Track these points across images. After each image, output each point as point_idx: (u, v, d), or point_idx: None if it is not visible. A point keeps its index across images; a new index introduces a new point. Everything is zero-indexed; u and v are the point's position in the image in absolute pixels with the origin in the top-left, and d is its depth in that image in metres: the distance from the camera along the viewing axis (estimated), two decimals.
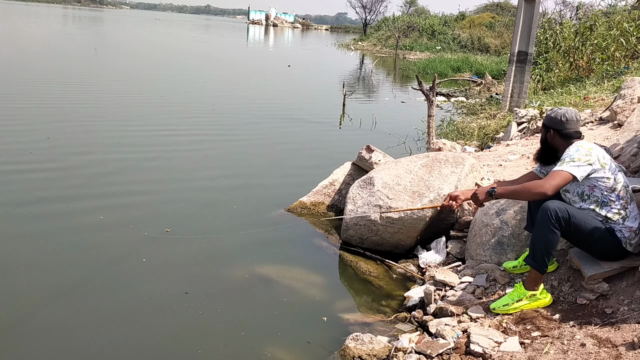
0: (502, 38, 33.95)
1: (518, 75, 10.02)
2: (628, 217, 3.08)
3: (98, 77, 14.19)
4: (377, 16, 57.67)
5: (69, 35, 30.34)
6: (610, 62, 11.40)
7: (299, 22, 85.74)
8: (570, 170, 2.97)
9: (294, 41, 48.49)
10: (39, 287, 3.70)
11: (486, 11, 43.70)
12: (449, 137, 8.86)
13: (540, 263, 3.08)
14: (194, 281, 3.96)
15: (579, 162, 2.99)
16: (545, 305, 3.18)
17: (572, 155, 3.03)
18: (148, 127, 8.79)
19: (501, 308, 3.19)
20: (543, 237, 3.04)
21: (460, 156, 4.91)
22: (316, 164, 7.29)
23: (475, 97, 14.83)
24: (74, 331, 3.27)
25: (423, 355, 2.91)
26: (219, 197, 5.83)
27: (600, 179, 3.04)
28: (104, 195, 5.54)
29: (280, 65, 22.09)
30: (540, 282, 3.17)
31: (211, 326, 3.42)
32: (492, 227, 3.93)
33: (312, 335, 3.41)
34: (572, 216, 3.00)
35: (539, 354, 2.64)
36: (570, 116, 3.16)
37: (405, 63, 28.05)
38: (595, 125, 6.53)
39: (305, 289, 3.96)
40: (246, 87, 15.01)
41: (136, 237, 4.64)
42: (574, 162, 2.99)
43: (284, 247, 4.67)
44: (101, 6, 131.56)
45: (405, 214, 4.38)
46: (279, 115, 10.82)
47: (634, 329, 2.65)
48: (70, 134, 7.90)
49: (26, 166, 6.23)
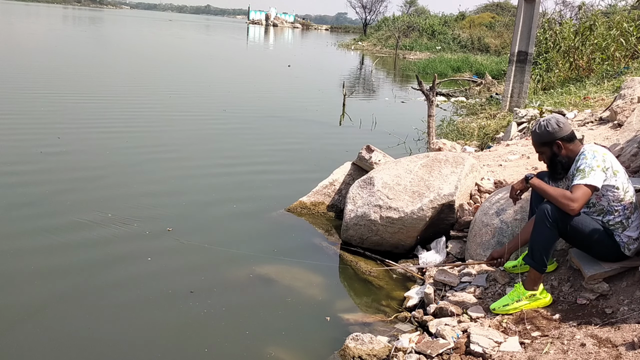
0: (502, 38, 33.97)
1: (518, 75, 10.02)
2: (629, 227, 3.07)
3: (119, 78, 14.21)
4: (377, 16, 57.78)
5: (91, 39, 30.33)
6: (610, 62, 11.39)
7: (299, 22, 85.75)
8: (592, 182, 2.91)
9: (294, 41, 48.50)
10: (42, 286, 3.70)
11: (486, 11, 43.70)
12: (449, 137, 8.86)
13: (539, 262, 3.08)
14: (198, 280, 3.98)
15: (598, 170, 2.94)
16: (545, 305, 3.17)
17: (590, 164, 2.95)
18: (148, 128, 8.80)
19: (501, 308, 3.19)
20: (541, 236, 3.04)
21: (460, 156, 4.91)
22: (316, 164, 7.30)
23: (475, 97, 14.84)
24: (79, 329, 3.28)
25: (423, 355, 2.91)
26: (220, 196, 5.83)
27: (610, 188, 3.00)
28: (105, 194, 5.55)
29: (280, 66, 22.09)
30: (540, 282, 3.17)
31: (216, 325, 3.44)
32: (492, 227, 3.93)
33: (312, 335, 3.41)
34: (570, 216, 3.00)
35: (539, 354, 2.64)
36: (561, 119, 3.11)
37: (405, 63, 28.06)
38: (595, 125, 6.52)
39: (306, 289, 3.97)
40: (246, 87, 15.02)
41: (140, 235, 4.65)
42: (593, 171, 2.93)
43: (284, 247, 4.67)
44: (101, 6, 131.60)
45: (405, 213, 4.38)
46: (279, 115, 10.82)
47: (634, 329, 2.65)
48: (79, 134, 7.93)
49: (34, 166, 6.25)
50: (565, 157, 3.11)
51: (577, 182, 2.95)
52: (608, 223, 3.08)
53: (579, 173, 2.97)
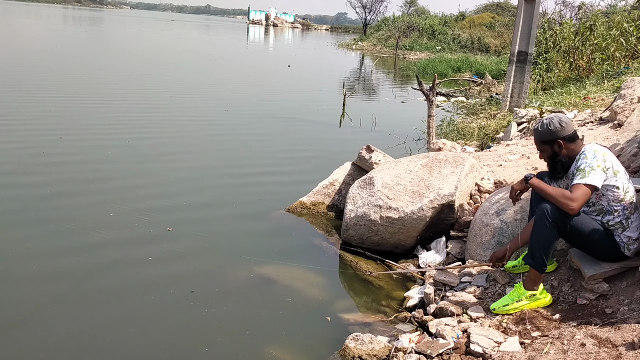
0: (502, 38, 33.99)
1: (518, 75, 10.02)
2: (629, 227, 3.06)
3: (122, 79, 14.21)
4: (377, 16, 57.77)
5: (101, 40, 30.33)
6: (610, 62, 11.40)
7: (299, 22, 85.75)
8: (592, 182, 2.91)
9: (294, 41, 48.50)
10: (42, 286, 3.70)
11: (486, 11, 43.72)
12: (449, 137, 8.86)
13: (539, 262, 3.08)
14: (199, 280, 3.99)
15: (598, 170, 2.93)
16: (545, 305, 3.17)
17: (590, 164, 2.95)
18: (147, 128, 8.79)
19: (501, 308, 3.19)
20: (541, 236, 3.04)
21: (460, 156, 4.91)
22: (316, 164, 7.30)
23: (475, 97, 14.84)
24: (79, 329, 3.27)
25: (423, 355, 2.91)
26: (220, 196, 5.83)
27: (610, 188, 3.00)
28: (106, 193, 5.54)
29: (280, 66, 22.09)
30: (540, 282, 3.17)
31: (216, 325, 3.45)
32: (492, 227, 3.93)
33: (312, 335, 3.41)
34: (569, 216, 3.00)
35: (539, 354, 2.64)
36: (563, 119, 3.12)
37: (405, 63, 28.06)
38: (595, 125, 6.52)
39: (306, 289, 3.97)
40: (246, 88, 15.01)
41: (140, 235, 4.66)
42: (594, 170, 2.93)
43: (284, 247, 4.68)
44: (101, 6, 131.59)
45: (405, 213, 4.38)
46: (279, 116, 10.81)
47: (634, 329, 2.65)
48: (81, 133, 7.95)
49: (36, 168, 6.24)
50: (565, 157, 3.11)
51: (577, 182, 2.95)
52: (607, 223, 3.08)
53: (579, 172, 2.96)
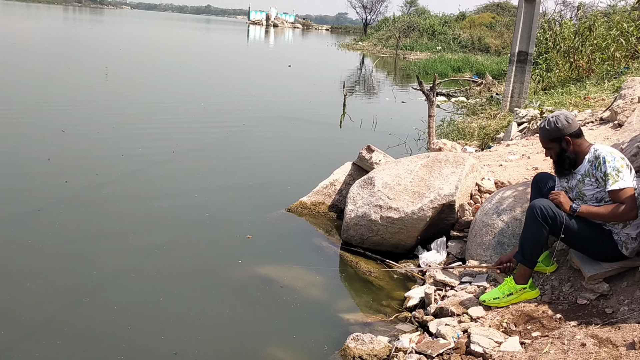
0: (502, 38, 33.98)
1: (518, 75, 10.02)
2: (629, 224, 3.07)
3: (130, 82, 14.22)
4: (377, 16, 57.84)
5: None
6: (610, 62, 11.39)
7: (300, 23, 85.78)
8: (627, 185, 2.94)
9: (295, 41, 48.51)
10: (41, 285, 3.71)
11: (486, 11, 43.69)
12: (449, 137, 8.86)
13: (529, 259, 3.18)
14: (199, 280, 4.00)
15: (624, 170, 2.96)
16: (532, 297, 3.25)
17: (615, 166, 2.97)
18: (148, 129, 8.80)
19: (492, 301, 3.25)
20: (531, 233, 3.12)
21: (461, 156, 4.91)
22: (316, 164, 7.30)
23: (476, 97, 14.84)
24: (78, 328, 3.28)
25: (423, 355, 2.91)
26: (220, 196, 5.83)
27: None
28: (106, 194, 5.55)
29: (280, 66, 22.10)
30: (530, 277, 3.26)
31: (216, 324, 3.45)
32: (492, 227, 3.93)
33: (312, 335, 3.41)
34: (558, 215, 3.04)
35: (539, 354, 2.64)
36: (569, 116, 3.14)
37: (406, 63, 28.05)
38: (595, 125, 6.52)
39: (306, 289, 3.97)
40: (247, 88, 15.02)
41: (141, 235, 4.66)
42: (621, 172, 2.96)
43: (284, 247, 4.68)
44: (102, 6, 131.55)
45: (406, 213, 4.39)
46: (279, 115, 10.82)
47: (634, 329, 2.65)
48: (88, 133, 7.96)
49: (43, 165, 6.26)
50: (572, 153, 3.14)
51: (613, 188, 2.97)
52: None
53: (609, 178, 2.98)
